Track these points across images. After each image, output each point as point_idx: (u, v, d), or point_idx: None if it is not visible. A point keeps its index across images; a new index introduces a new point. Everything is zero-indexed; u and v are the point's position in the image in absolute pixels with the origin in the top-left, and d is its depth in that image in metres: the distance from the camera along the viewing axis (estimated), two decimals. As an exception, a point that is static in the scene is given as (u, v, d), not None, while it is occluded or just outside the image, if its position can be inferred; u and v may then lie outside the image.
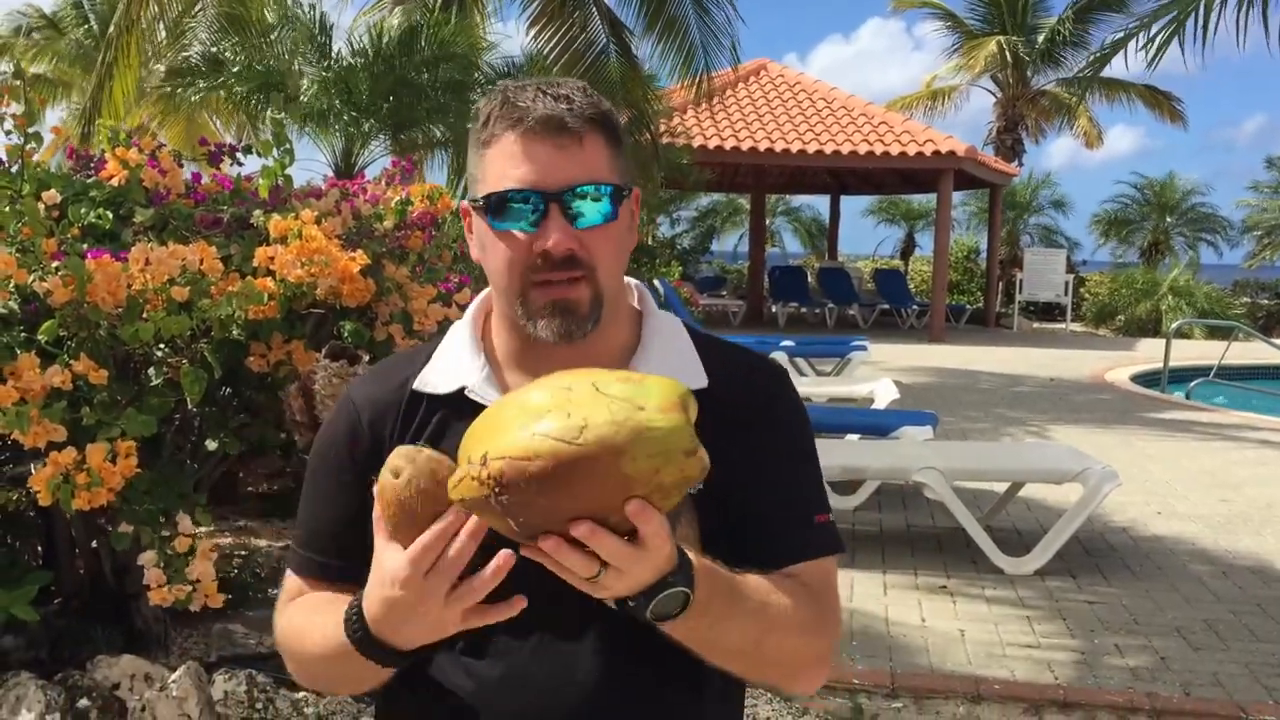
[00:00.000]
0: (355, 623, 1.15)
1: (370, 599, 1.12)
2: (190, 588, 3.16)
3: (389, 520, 1.09)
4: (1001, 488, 6.51)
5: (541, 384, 1.06)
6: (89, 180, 3.83)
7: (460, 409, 1.28)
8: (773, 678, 1.31)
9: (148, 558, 3.17)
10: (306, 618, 1.28)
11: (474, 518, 1.05)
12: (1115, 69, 8.69)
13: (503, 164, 1.22)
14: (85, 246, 3.38)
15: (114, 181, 3.75)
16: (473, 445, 1.04)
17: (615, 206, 1.24)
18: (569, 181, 1.21)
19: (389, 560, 1.09)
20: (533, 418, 1.00)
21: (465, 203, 1.32)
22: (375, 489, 1.10)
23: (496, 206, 1.22)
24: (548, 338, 1.24)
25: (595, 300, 1.24)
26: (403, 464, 1.08)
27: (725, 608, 1.15)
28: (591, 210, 1.22)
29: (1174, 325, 15.55)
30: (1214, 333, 19.47)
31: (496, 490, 0.99)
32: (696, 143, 17.66)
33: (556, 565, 1.04)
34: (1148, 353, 17.09)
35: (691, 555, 1.10)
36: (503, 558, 1.05)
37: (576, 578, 1.04)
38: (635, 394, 1.02)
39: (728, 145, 18.44)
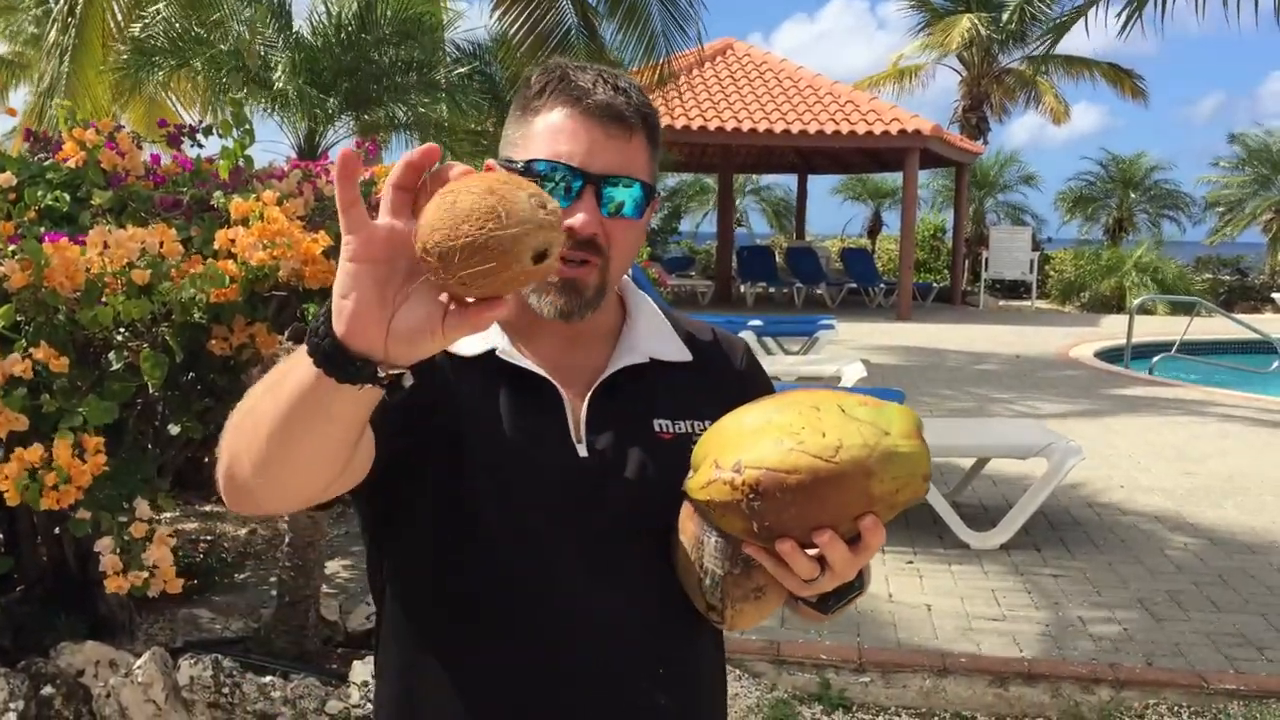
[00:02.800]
0: (318, 327, 0.93)
1: (335, 287, 0.92)
2: (147, 574, 3.13)
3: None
4: (968, 463, 6.56)
5: (787, 402, 1.14)
6: (46, 162, 3.77)
7: (491, 370, 1.30)
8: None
9: (104, 544, 3.13)
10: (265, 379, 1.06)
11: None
12: (1079, 44, 8.74)
13: (551, 136, 1.24)
14: (42, 229, 3.34)
15: (71, 163, 3.70)
16: (718, 452, 1.12)
17: (644, 204, 1.28)
18: (610, 169, 1.24)
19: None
20: (787, 434, 1.09)
21: (494, 161, 1.32)
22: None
23: (536, 174, 1.24)
24: (549, 314, 1.27)
25: (601, 287, 1.28)
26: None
27: (866, 590, 1.29)
28: (622, 202, 1.26)
29: (1137, 301, 15.69)
30: (1177, 308, 19.68)
31: (750, 496, 1.08)
32: (664, 123, 17.57)
33: (777, 565, 1.13)
34: (1111, 329, 17.26)
35: None
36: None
37: (793, 578, 1.14)
38: (879, 419, 1.11)
39: (695, 125, 18.39)
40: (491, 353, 1.30)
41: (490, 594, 1.26)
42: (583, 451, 1.29)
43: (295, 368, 0.96)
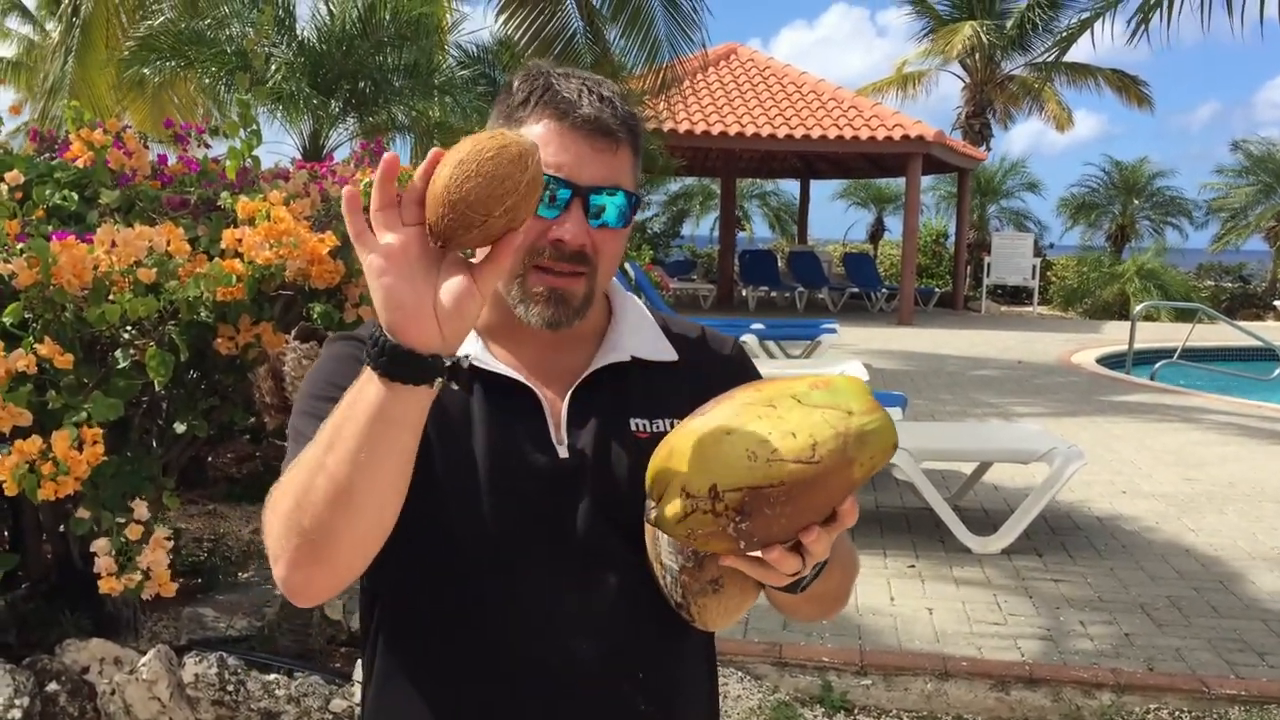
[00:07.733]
0: (376, 346, 1.04)
1: (377, 306, 1.06)
2: (141, 576, 3.13)
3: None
4: (969, 468, 6.57)
5: (738, 406, 1.08)
6: (53, 161, 3.79)
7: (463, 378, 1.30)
8: (833, 610, 1.38)
9: (100, 545, 3.13)
10: (301, 452, 1.14)
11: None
12: (1083, 52, 8.79)
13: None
14: (50, 228, 3.35)
15: (79, 163, 3.71)
16: (683, 477, 1.05)
17: (629, 213, 1.29)
18: (597, 181, 1.25)
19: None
20: (755, 443, 1.03)
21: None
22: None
23: None
24: (536, 324, 1.27)
25: (588, 297, 1.28)
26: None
27: (831, 564, 1.21)
28: (609, 212, 1.26)
29: (1139, 308, 15.70)
30: (1180, 315, 19.68)
31: (737, 520, 1.03)
32: (667, 127, 17.62)
33: (758, 568, 1.10)
34: (1114, 335, 17.26)
35: None
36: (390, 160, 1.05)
37: (776, 576, 1.11)
38: (836, 399, 1.06)
39: (698, 129, 18.42)
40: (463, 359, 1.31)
41: (463, 598, 1.25)
42: (563, 453, 1.28)
43: (358, 404, 1.06)
